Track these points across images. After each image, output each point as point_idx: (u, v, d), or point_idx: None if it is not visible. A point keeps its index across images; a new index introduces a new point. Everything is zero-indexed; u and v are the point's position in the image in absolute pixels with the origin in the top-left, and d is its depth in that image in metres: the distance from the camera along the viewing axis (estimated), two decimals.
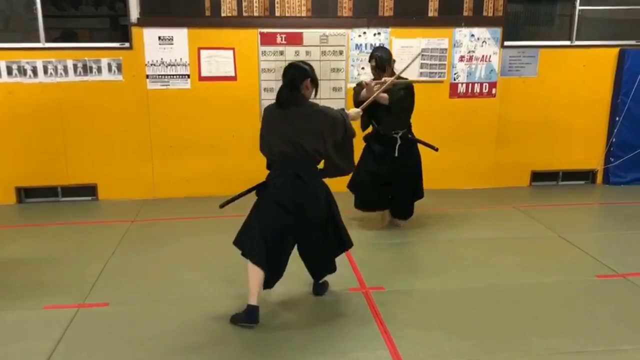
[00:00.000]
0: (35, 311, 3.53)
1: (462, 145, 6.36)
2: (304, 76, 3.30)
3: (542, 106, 6.38)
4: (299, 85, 3.29)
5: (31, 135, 5.78)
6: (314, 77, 3.35)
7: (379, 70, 4.61)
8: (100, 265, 4.23)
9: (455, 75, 6.21)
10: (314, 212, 3.32)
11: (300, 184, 3.24)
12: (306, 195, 3.27)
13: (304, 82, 3.29)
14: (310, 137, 3.24)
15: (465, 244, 4.72)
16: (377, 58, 4.62)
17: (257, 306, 3.28)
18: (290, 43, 5.90)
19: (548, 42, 6.34)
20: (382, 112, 4.64)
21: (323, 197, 3.37)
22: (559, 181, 6.70)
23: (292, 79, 3.29)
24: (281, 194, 3.24)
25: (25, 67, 5.66)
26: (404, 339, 3.14)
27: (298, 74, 3.30)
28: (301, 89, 3.29)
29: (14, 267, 4.27)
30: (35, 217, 5.57)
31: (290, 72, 3.32)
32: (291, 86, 3.28)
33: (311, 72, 3.34)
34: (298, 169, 3.25)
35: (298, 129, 3.24)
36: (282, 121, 3.28)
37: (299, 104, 3.28)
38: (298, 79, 3.28)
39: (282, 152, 3.28)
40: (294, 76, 3.29)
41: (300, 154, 3.25)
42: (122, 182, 6.05)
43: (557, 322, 3.35)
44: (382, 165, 4.77)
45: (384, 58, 4.62)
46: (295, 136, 3.23)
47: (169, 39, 5.77)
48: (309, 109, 3.29)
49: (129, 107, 5.89)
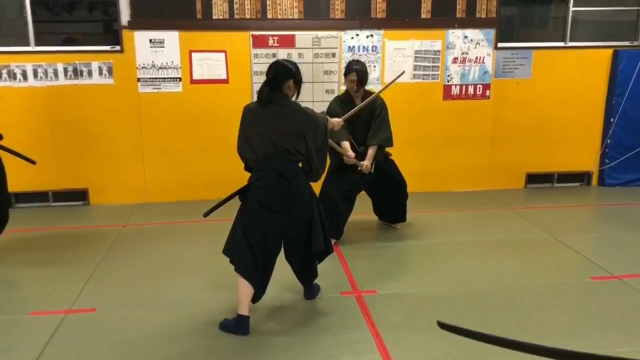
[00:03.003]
0: (22, 317, 3.47)
1: (457, 148, 6.32)
2: (288, 76, 3.19)
3: (536, 108, 6.36)
4: (281, 85, 3.18)
5: (21, 139, 5.69)
6: (298, 79, 3.24)
7: (360, 84, 4.47)
8: (89, 270, 4.17)
9: (449, 77, 6.18)
10: (299, 211, 3.25)
11: (284, 184, 3.16)
12: (290, 195, 3.19)
13: (287, 82, 3.19)
14: (291, 137, 3.15)
15: (459, 246, 4.67)
16: (358, 72, 4.44)
17: (248, 316, 3.21)
18: (283, 45, 5.86)
19: (542, 44, 6.32)
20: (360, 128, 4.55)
21: (307, 197, 3.29)
22: (554, 183, 6.67)
23: (275, 77, 3.18)
24: (264, 194, 3.16)
25: (15, 71, 5.61)
26: (396, 343, 3.10)
27: (283, 72, 3.19)
28: (283, 88, 3.19)
29: (2, 273, 4.21)
30: (25, 221, 5.50)
31: (274, 69, 3.22)
32: (272, 84, 3.17)
33: (296, 73, 3.24)
34: (280, 169, 3.16)
35: (279, 128, 3.14)
36: (263, 120, 3.17)
37: (280, 103, 3.18)
38: (281, 77, 3.18)
39: (264, 151, 3.18)
40: (277, 74, 3.18)
41: (282, 154, 3.17)
42: (113, 187, 6.00)
43: (550, 324, 3.31)
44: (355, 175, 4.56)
45: (364, 71, 4.50)
46: (276, 135, 3.13)
47: (160, 42, 5.73)
48: (291, 109, 3.20)
49: (120, 110, 5.84)
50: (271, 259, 3.28)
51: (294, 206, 3.22)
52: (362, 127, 4.57)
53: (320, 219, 3.38)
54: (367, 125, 4.57)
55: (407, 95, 6.02)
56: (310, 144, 3.22)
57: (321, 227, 3.37)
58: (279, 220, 3.20)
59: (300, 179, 3.26)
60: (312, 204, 3.33)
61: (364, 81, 4.52)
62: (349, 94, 4.61)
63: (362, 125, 4.57)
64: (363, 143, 4.59)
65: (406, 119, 5.90)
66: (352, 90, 4.54)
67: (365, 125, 4.57)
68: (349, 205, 4.64)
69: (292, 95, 3.26)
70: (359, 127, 4.56)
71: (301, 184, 3.26)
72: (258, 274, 3.20)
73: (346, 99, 4.62)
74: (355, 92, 4.54)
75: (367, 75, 4.58)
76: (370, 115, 4.57)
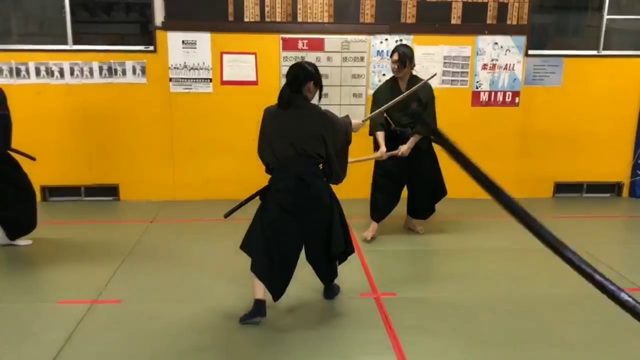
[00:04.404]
0: (51, 304, 3.60)
1: (484, 154, 6.21)
2: (307, 78, 3.21)
3: (567, 116, 6.28)
4: (301, 87, 3.20)
5: (56, 135, 5.91)
6: (317, 80, 3.26)
7: (401, 65, 4.53)
8: (116, 263, 4.29)
9: (478, 84, 6.15)
10: (317, 214, 3.26)
11: (303, 187, 3.19)
12: (309, 198, 3.21)
13: (307, 84, 3.21)
14: (311, 140, 3.17)
15: (482, 253, 4.65)
16: (400, 53, 4.53)
17: (264, 300, 3.27)
18: (312, 49, 5.93)
19: (573, 52, 6.24)
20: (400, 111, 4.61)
21: (327, 199, 3.31)
22: (583, 193, 6.56)
23: (295, 79, 3.20)
24: (284, 197, 3.20)
25: (52, 69, 5.81)
26: (412, 346, 3.11)
27: (302, 74, 3.21)
28: (303, 90, 3.21)
29: (34, 262, 4.37)
30: (58, 214, 5.69)
31: (293, 71, 3.23)
32: (293, 87, 3.19)
33: (316, 75, 3.25)
34: (300, 172, 3.20)
35: (299, 130, 3.17)
36: (284, 123, 3.21)
37: (300, 105, 3.21)
38: (301, 80, 3.20)
39: (284, 154, 3.20)
40: (297, 76, 3.20)
41: (302, 156, 3.19)
42: (143, 184, 6.14)
43: (571, 334, 3.28)
44: (395, 165, 4.67)
45: (407, 54, 4.55)
46: (296, 138, 3.16)
47: (192, 43, 5.86)
48: (311, 111, 3.22)
49: (152, 109, 5.99)
50: (289, 260, 3.30)
51: (313, 209, 3.24)
52: (403, 110, 4.61)
53: (341, 221, 3.40)
54: (407, 108, 4.58)
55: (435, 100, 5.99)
56: (330, 147, 3.22)
57: (342, 229, 3.39)
58: (298, 222, 3.23)
59: (320, 182, 3.29)
60: (332, 207, 3.33)
61: (406, 63, 4.53)
62: (394, 76, 4.67)
63: (402, 108, 4.59)
64: (400, 124, 4.64)
65: None
66: (394, 71, 4.61)
67: (405, 109, 4.59)
68: (387, 194, 4.79)
69: (312, 97, 3.29)
70: (399, 109, 4.59)
71: (321, 187, 3.28)
72: (273, 274, 3.24)
73: (392, 81, 4.71)
74: (397, 72, 4.58)
75: (410, 57, 4.57)
76: (413, 100, 4.56)
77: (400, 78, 4.63)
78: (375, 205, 4.87)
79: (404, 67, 4.55)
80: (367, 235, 4.83)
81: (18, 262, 4.39)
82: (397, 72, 4.59)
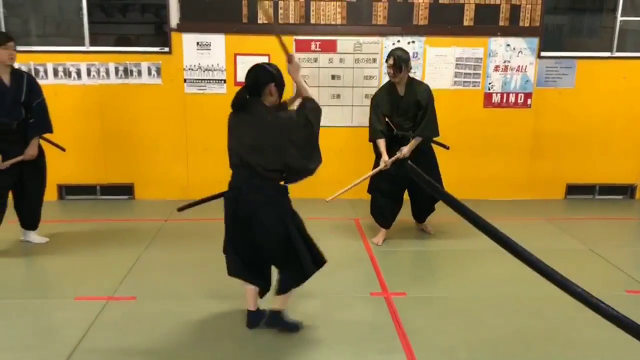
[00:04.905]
0: (68, 301, 3.69)
1: (496, 156, 6.30)
2: (268, 79, 2.95)
3: (579, 118, 6.26)
4: (261, 90, 2.96)
5: (73, 135, 6.01)
6: (279, 82, 2.99)
7: (396, 69, 4.50)
8: (131, 261, 4.38)
9: (490, 85, 6.16)
10: (261, 228, 3.03)
11: (244, 199, 3.00)
12: (250, 212, 3.00)
13: (267, 87, 2.95)
14: (256, 153, 2.94)
15: (492, 253, 4.60)
16: (395, 57, 4.50)
17: (252, 311, 3.30)
18: (325, 50, 5.98)
19: (586, 53, 6.23)
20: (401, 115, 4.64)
21: (273, 214, 3.02)
22: (596, 195, 6.55)
23: (255, 81, 2.96)
24: (228, 204, 3.09)
25: (70, 69, 5.92)
26: (421, 345, 3.15)
27: (263, 76, 2.96)
28: (263, 93, 2.96)
29: (51, 259, 4.46)
30: (74, 213, 5.80)
31: (253, 73, 2.99)
32: (252, 89, 2.97)
33: (277, 76, 2.99)
34: (242, 182, 3.02)
35: (249, 139, 2.96)
36: (236, 129, 3.03)
37: (255, 112, 2.95)
38: (262, 82, 2.95)
39: (232, 161, 3.07)
40: (256, 78, 2.96)
41: (247, 167, 2.98)
42: (157, 183, 6.23)
43: (579, 335, 3.30)
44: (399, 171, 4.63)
45: (403, 57, 4.52)
46: (244, 148, 2.97)
47: (207, 45, 5.94)
48: (265, 121, 2.92)
49: (167, 110, 6.07)
50: (259, 257, 3.16)
51: (256, 223, 3.02)
52: (403, 115, 4.63)
53: (303, 238, 3.11)
54: (407, 112, 4.62)
55: (447, 102, 6.02)
56: (288, 154, 2.93)
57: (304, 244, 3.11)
58: (249, 229, 3.06)
59: (264, 196, 3.00)
60: (285, 222, 3.04)
61: (402, 67, 4.50)
62: (391, 80, 4.66)
63: (403, 113, 4.63)
64: (401, 128, 4.65)
65: (445, 124, 5.88)
66: (390, 76, 4.59)
67: (405, 113, 4.63)
68: (390, 198, 4.76)
69: (274, 101, 3.01)
70: (400, 115, 4.64)
71: (262, 202, 3.00)
72: (250, 271, 3.19)
73: (390, 86, 4.70)
74: (393, 77, 4.57)
75: (405, 61, 4.53)
76: (412, 104, 4.60)
77: (397, 82, 4.63)
78: (381, 211, 4.85)
79: (400, 71, 4.51)
80: (378, 241, 4.85)
81: (35, 259, 4.49)
82: (393, 76, 4.56)
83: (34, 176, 4.55)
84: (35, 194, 4.62)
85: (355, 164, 6.05)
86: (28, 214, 4.68)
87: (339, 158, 5.99)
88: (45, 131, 4.54)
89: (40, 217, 4.75)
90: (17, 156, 4.36)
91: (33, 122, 4.41)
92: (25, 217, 4.69)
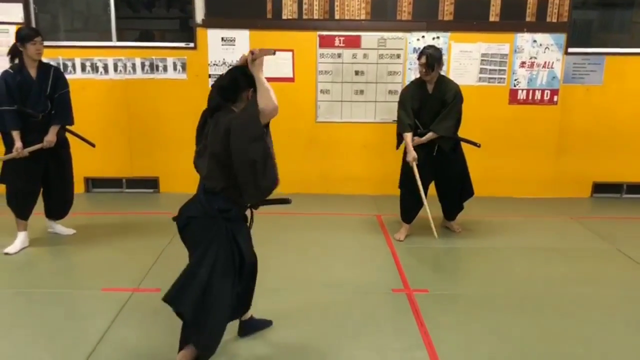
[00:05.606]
0: (95, 291, 3.77)
1: (521, 153, 6.23)
2: (249, 84, 2.65)
3: (607, 115, 6.16)
4: (238, 95, 2.67)
5: (100, 129, 6.11)
6: (255, 87, 2.63)
7: (428, 68, 4.49)
8: (156, 254, 4.44)
9: (516, 81, 6.09)
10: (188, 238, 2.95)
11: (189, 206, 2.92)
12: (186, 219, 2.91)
13: (246, 92, 2.67)
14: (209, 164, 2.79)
15: (517, 252, 4.63)
16: (427, 55, 4.47)
17: (243, 320, 3.24)
18: (348, 46, 5.97)
19: (615, 49, 6.11)
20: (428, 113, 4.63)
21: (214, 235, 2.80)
22: (623, 194, 6.44)
23: (233, 85, 2.67)
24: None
25: (97, 64, 6.01)
26: (443, 342, 3.14)
27: (242, 80, 2.66)
28: (239, 98, 2.68)
29: (79, 251, 4.55)
30: (100, 206, 5.91)
31: (232, 76, 2.70)
32: (228, 93, 2.68)
33: (253, 82, 2.63)
34: (199, 191, 2.90)
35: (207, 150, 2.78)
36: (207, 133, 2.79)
37: (221, 121, 2.64)
38: (241, 86, 2.66)
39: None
40: (235, 82, 2.67)
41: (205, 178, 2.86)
42: (182, 176, 6.26)
43: (604, 335, 3.26)
44: (424, 168, 4.68)
45: (435, 56, 4.49)
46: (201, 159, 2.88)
47: (231, 40, 5.98)
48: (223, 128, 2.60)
49: (191, 105, 6.07)
50: None
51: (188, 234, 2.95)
52: (429, 113, 4.62)
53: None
54: (434, 110, 4.61)
55: (471, 98, 5.95)
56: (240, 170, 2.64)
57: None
58: None
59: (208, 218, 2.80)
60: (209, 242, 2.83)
61: (434, 66, 4.49)
62: (422, 77, 4.64)
63: (429, 111, 4.62)
64: (426, 126, 4.65)
65: (470, 121, 5.84)
66: (422, 74, 4.58)
67: (432, 111, 4.61)
68: (413, 195, 4.75)
69: (242, 107, 2.67)
70: (427, 112, 4.63)
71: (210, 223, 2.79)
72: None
73: (419, 82, 4.70)
74: (425, 75, 4.56)
75: (438, 60, 4.52)
76: (439, 102, 4.59)
77: (428, 81, 4.61)
78: (404, 207, 4.90)
79: (432, 70, 4.49)
80: (400, 237, 4.85)
81: (63, 250, 4.59)
82: (424, 75, 4.55)
83: (58, 170, 4.61)
84: (60, 187, 4.70)
85: (378, 160, 6.05)
86: (53, 205, 4.77)
87: (362, 154, 6.00)
88: (65, 122, 4.54)
89: (69, 210, 4.84)
90: None
91: (54, 112, 4.46)
92: (50, 208, 4.78)
